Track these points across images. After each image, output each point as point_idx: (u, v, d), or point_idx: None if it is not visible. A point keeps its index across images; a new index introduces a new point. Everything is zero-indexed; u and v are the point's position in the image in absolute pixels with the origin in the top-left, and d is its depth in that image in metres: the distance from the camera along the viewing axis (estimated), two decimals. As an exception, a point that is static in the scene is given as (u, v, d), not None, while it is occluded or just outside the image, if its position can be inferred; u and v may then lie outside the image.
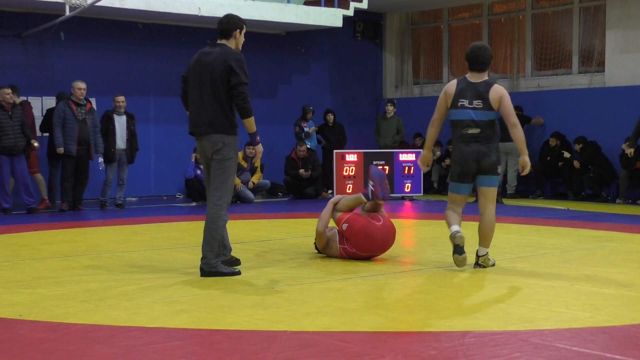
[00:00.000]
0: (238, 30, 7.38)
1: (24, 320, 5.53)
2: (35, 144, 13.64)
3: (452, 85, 8.03)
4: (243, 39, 7.49)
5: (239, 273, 7.34)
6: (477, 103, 7.70)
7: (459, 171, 7.75)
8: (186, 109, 7.66)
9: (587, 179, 15.79)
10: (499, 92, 7.70)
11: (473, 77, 7.92)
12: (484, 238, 7.75)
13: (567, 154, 16.13)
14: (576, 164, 15.93)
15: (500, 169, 7.79)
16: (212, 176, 7.33)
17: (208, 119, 7.29)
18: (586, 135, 16.11)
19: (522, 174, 7.84)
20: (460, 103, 7.80)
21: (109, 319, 5.52)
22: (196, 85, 7.35)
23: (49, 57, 15.61)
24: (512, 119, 7.66)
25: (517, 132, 7.66)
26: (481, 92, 7.71)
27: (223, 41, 7.39)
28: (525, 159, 7.67)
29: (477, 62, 7.88)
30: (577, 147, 16.00)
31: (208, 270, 7.22)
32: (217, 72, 7.19)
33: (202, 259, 7.28)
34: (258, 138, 7.44)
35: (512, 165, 16.50)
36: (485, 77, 7.88)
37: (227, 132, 7.28)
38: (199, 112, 7.35)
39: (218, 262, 7.26)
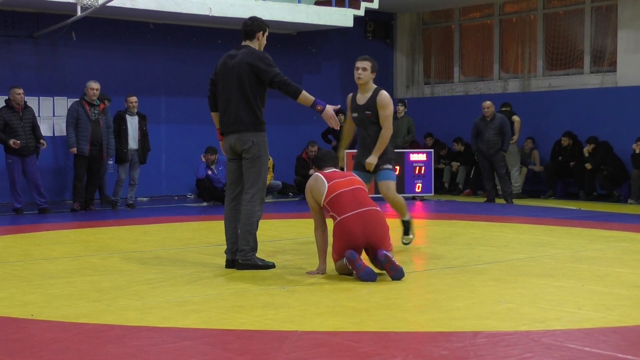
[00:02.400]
0: (261, 32, 7.67)
1: (35, 320, 5.55)
2: (44, 143, 13.61)
3: None
4: (265, 42, 7.73)
5: (273, 266, 7.59)
6: None
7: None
8: (211, 110, 7.88)
9: (602, 177, 15.69)
10: None
11: None
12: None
13: (587, 150, 15.93)
14: (588, 165, 15.86)
15: None
16: (245, 175, 7.56)
17: (236, 117, 7.52)
18: (598, 135, 16.06)
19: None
20: None
21: (120, 319, 5.54)
22: (224, 86, 7.60)
23: (60, 58, 15.66)
24: None
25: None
26: None
27: (247, 42, 7.66)
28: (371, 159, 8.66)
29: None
30: (589, 147, 15.93)
31: (244, 262, 7.49)
32: (244, 72, 7.46)
33: (238, 252, 7.52)
34: (319, 107, 7.40)
35: (513, 164, 16.48)
36: None
37: (256, 130, 7.51)
38: (228, 111, 7.58)
39: (254, 255, 7.51)
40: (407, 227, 9.02)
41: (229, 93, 7.55)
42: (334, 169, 7.51)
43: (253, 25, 7.66)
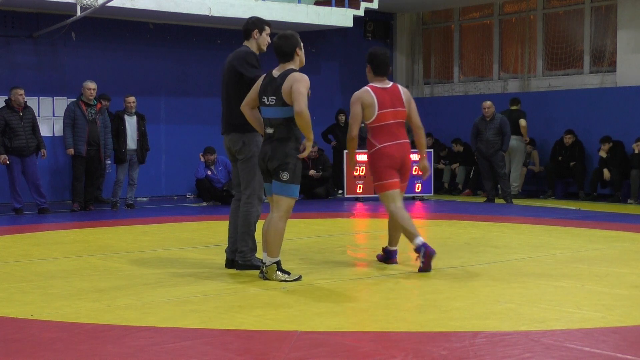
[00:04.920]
0: (256, 30, 7.68)
1: (35, 320, 5.55)
2: (44, 154, 13.63)
3: (263, 77, 7.15)
4: (267, 39, 7.74)
5: None
6: (271, 99, 6.95)
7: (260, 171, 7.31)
8: None
9: (616, 172, 15.53)
10: (290, 80, 6.89)
11: (277, 70, 7.09)
12: (266, 244, 7.11)
13: (603, 150, 15.82)
14: (606, 174, 15.72)
15: (285, 176, 6.94)
16: (240, 176, 7.64)
17: (227, 118, 7.63)
18: (598, 135, 16.06)
19: (303, 156, 7.01)
20: (262, 100, 7.06)
21: (120, 319, 5.54)
22: (222, 87, 7.74)
23: (60, 58, 15.66)
24: (295, 104, 6.82)
25: (298, 121, 6.86)
26: (277, 86, 6.94)
27: (245, 42, 7.74)
28: (307, 144, 6.97)
29: (277, 52, 7.12)
30: (606, 146, 15.79)
31: (243, 263, 7.55)
32: (230, 74, 7.59)
33: (237, 253, 7.58)
34: None
35: (516, 163, 16.47)
36: (289, 67, 7.09)
37: (244, 131, 7.53)
38: (223, 112, 7.71)
39: (253, 256, 7.58)
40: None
41: (223, 94, 7.71)
42: (384, 85, 7.77)
43: (248, 25, 7.72)
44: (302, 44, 7.22)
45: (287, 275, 7.00)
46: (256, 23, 7.71)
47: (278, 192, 7.03)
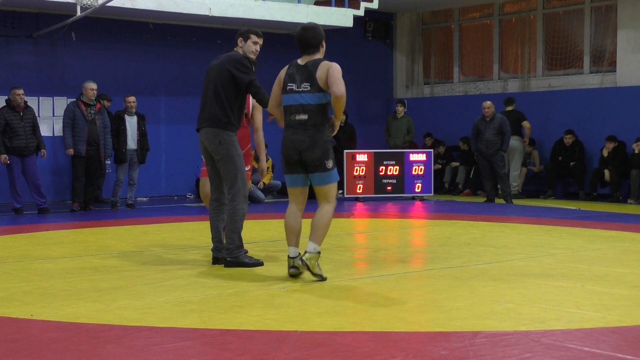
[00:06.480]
0: (240, 39, 8.04)
1: (35, 320, 5.55)
2: (44, 154, 13.64)
3: (283, 71, 7.19)
4: (252, 47, 7.97)
5: (261, 264, 7.73)
6: (305, 86, 6.95)
7: (284, 161, 7.15)
8: None
9: (615, 173, 15.53)
10: (324, 67, 6.94)
11: (302, 60, 7.09)
12: (312, 231, 7.12)
13: (606, 149, 15.88)
14: (607, 176, 15.76)
15: (330, 163, 6.98)
16: (223, 176, 7.82)
17: (208, 114, 7.90)
18: (598, 135, 16.05)
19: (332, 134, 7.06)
20: (289, 88, 7.04)
21: (120, 319, 5.54)
22: (205, 86, 8.00)
23: (60, 58, 15.66)
24: (335, 88, 6.84)
25: (337, 104, 6.91)
26: (310, 73, 6.96)
27: (235, 49, 8.04)
28: (336, 122, 7.05)
29: (302, 44, 7.06)
30: (610, 145, 15.79)
31: (231, 260, 7.67)
32: (222, 75, 7.81)
33: (225, 250, 7.74)
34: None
35: (515, 163, 16.46)
36: (316, 57, 7.07)
37: (223, 128, 7.80)
38: (204, 109, 7.98)
39: (240, 252, 7.70)
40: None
41: (207, 92, 7.91)
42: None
43: (236, 34, 8.07)
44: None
45: (321, 272, 6.97)
46: (241, 32, 8.04)
47: (322, 182, 7.04)
